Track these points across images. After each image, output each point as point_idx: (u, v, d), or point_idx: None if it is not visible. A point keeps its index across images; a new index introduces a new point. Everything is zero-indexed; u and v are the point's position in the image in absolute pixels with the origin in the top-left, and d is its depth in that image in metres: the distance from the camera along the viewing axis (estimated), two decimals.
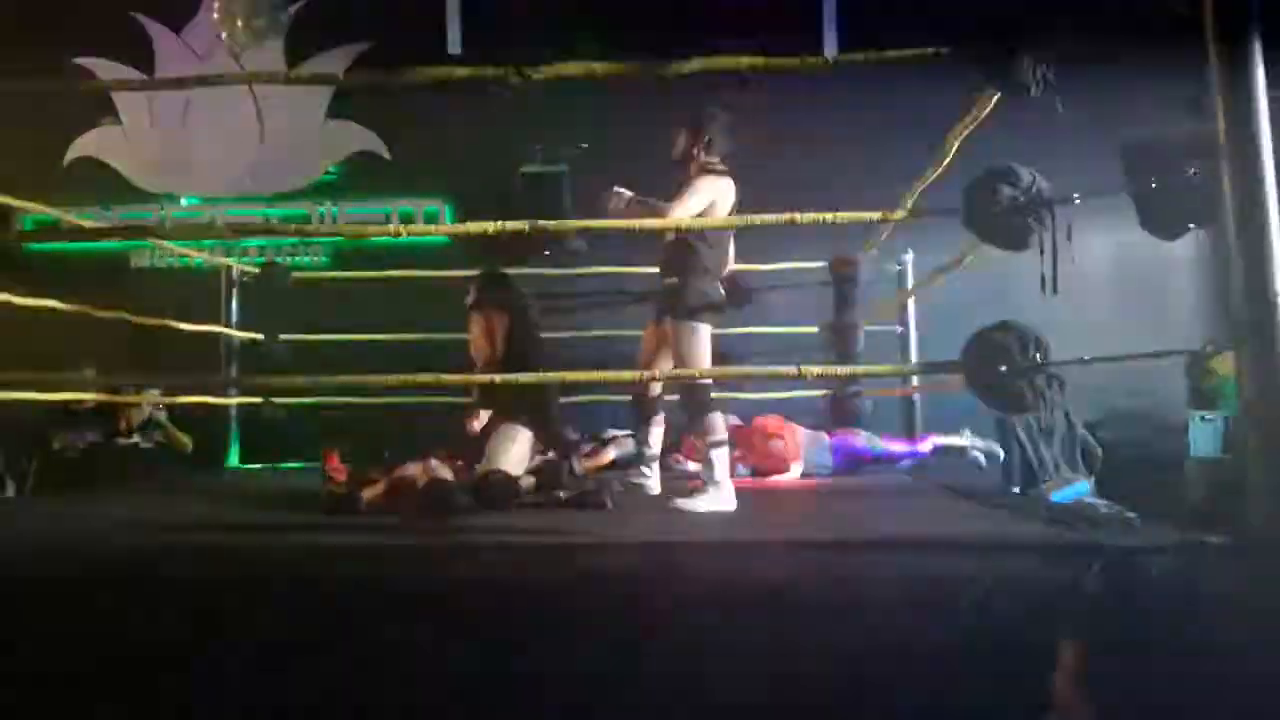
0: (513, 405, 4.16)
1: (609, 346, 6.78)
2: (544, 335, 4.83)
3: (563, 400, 5.09)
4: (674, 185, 4.27)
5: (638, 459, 4.56)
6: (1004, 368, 2.50)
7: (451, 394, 6.28)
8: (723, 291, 4.22)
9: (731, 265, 4.50)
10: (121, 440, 6.43)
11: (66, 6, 7.85)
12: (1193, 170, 2.41)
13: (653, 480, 4.34)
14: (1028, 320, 2.80)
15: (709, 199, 4.17)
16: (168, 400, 6.51)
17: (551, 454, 4.43)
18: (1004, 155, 3.07)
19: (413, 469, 3.96)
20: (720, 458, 3.91)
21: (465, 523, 3.51)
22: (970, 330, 2.87)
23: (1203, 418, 6.02)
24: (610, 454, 6.06)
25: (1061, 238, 2.76)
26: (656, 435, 4.41)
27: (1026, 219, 2.66)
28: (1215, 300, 7.15)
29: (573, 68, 3.56)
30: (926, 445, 6.22)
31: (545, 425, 4.25)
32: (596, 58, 3.44)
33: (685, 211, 4.05)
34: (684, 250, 4.19)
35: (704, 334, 4.11)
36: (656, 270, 4.49)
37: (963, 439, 6.17)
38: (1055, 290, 2.65)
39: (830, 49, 7.69)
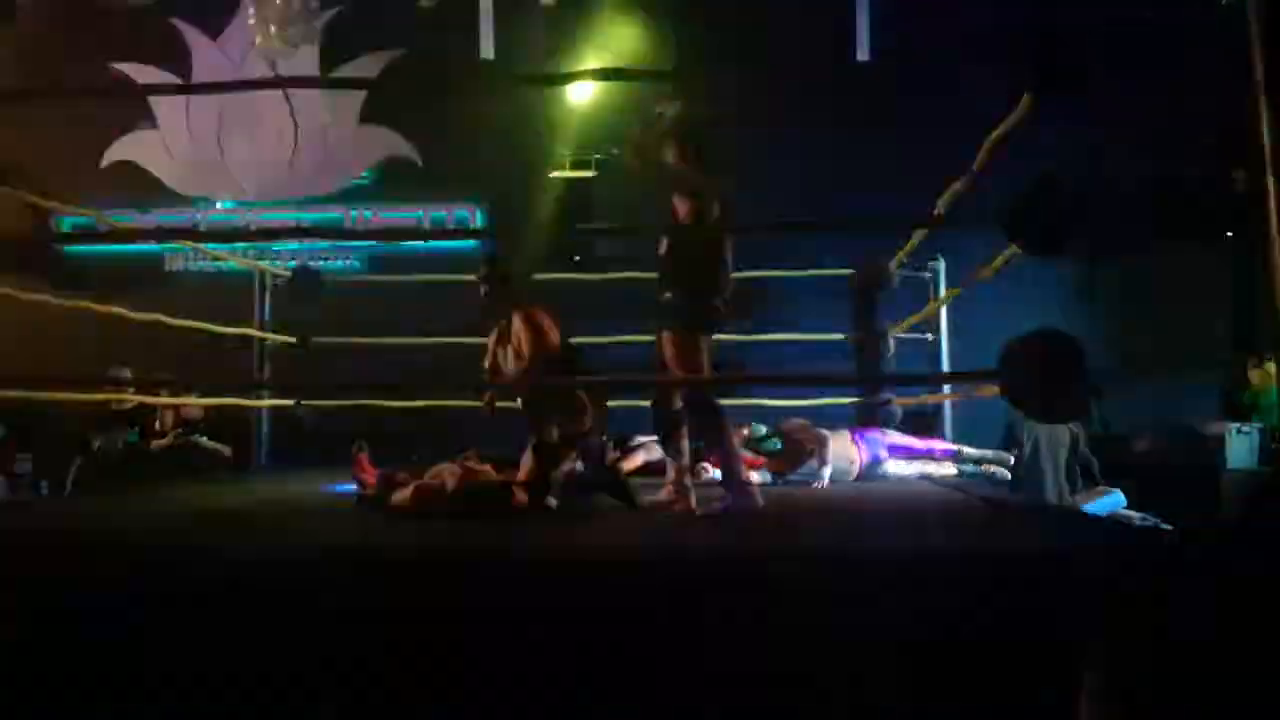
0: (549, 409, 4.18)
1: (637, 351, 6.78)
2: (575, 340, 4.82)
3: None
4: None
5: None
6: (1043, 376, 2.48)
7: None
8: (721, 301, 4.07)
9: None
10: (157, 443, 6.51)
11: (105, 13, 7.97)
12: (1236, 178, 2.38)
13: (690, 496, 4.18)
14: (1064, 328, 2.76)
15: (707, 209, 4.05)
16: (203, 402, 6.58)
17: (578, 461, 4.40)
18: (1040, 162, 3.05)
19: (445, 471, 3.96)
20: (731, 465, 3.87)
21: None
22: (1003, 338, 2.84)
23: (1239, 430, 5.97)
24: (640, 458, 6.04)
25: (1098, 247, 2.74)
26: (685, 447, 4.30)
27: (1067, 227, 2.63)
28: (1246, 312, 7.07)
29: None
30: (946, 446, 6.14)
31: (577, 430, 4.24)
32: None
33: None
34: (678, 261, 4.07)
35: (698, 344, 4.01)
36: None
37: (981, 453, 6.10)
38: (1093, 299, 2.62)
39: (862, 52, 7.67)
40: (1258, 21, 2.33)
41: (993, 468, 5.55)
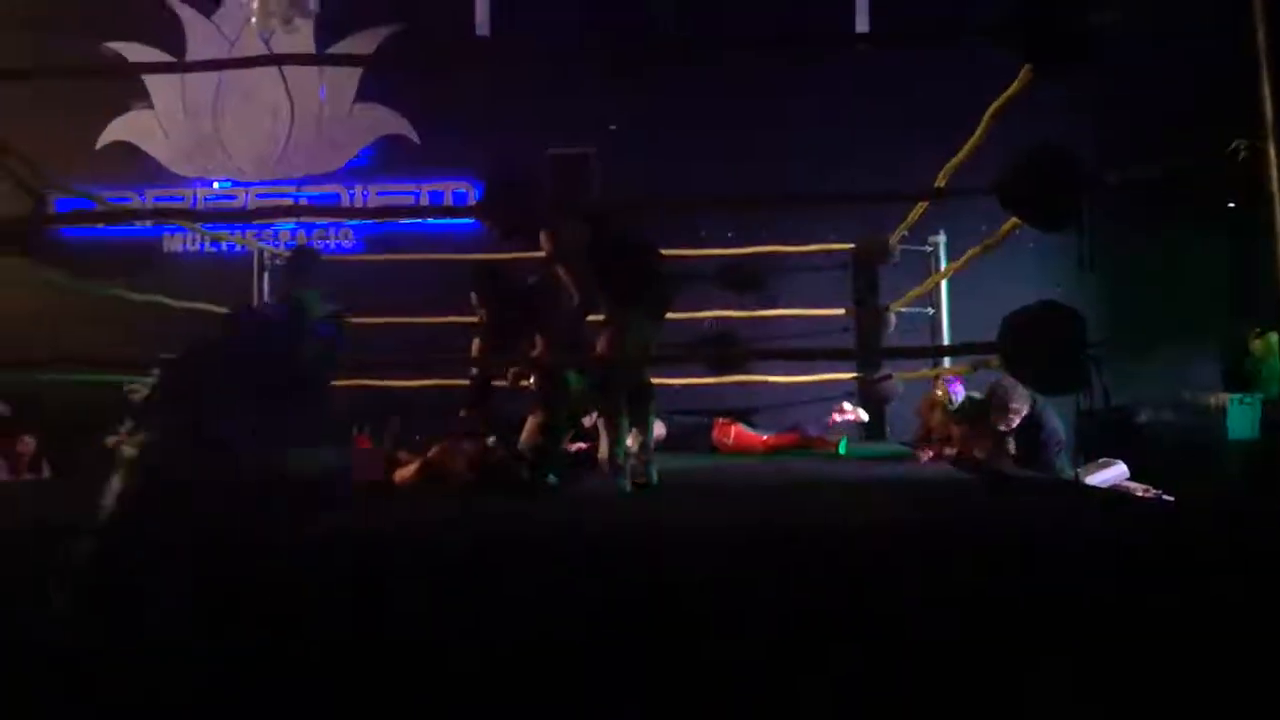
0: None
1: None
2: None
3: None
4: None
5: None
6: (1043, 349, 2.47)
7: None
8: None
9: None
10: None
11: None
12: (1237, 147, 2.36)
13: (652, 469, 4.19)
14: (1064, 300, 2.75)
15: None
16: None
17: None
18: (1037, 132, 3.03)
19: (445, 449, 3.96)
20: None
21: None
22: (1003, 311, 2.83)
23: (1240, 400, 5.97)
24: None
25: (1097, 217, 2.72)
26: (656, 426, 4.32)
27: (1067, 199, 2.62)
28: (1247, 284, 7.05)
29: None
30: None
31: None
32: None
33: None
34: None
35: None
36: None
37: None
38: (1093, 269, 2.61)
39: (862, 26, 7.61)
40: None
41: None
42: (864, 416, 6.57)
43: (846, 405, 6.50)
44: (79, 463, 6.28)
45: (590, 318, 4.18)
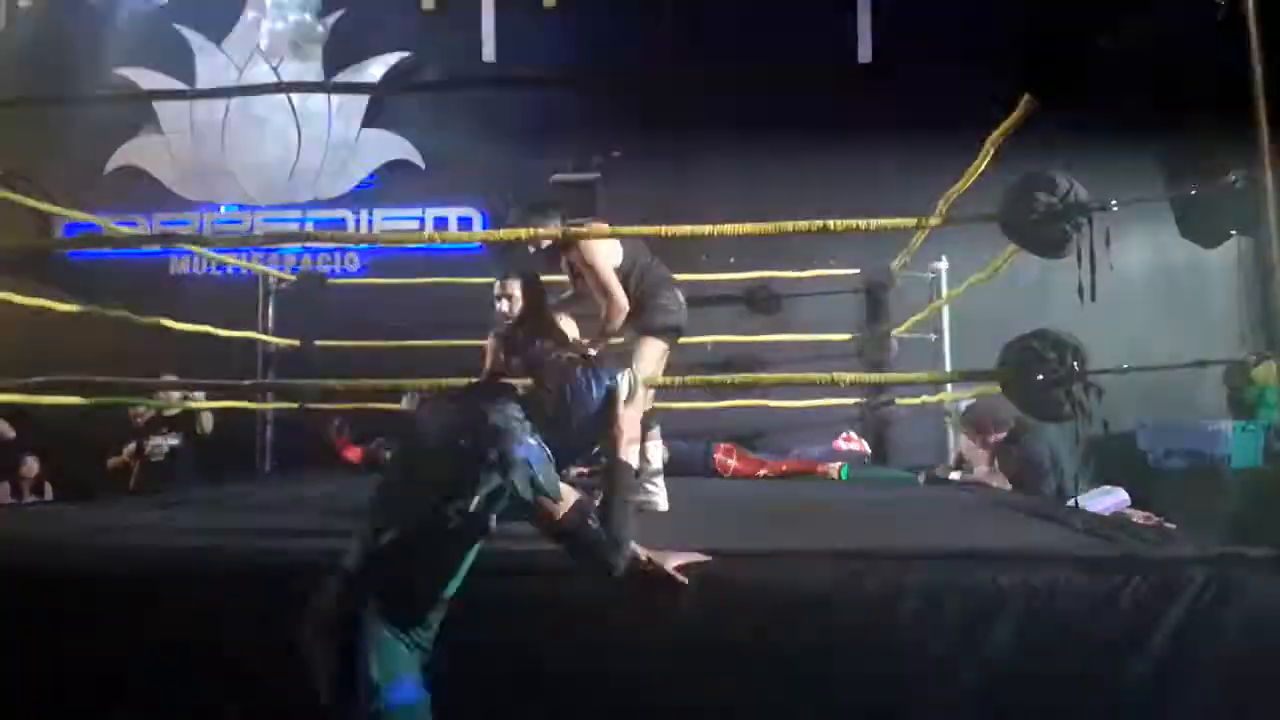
0: None
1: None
2: None
3: None
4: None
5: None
6: (1042, 376, 2.48)
7: None
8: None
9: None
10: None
11: (109, 18, 8.01)
12: (1234, 178, 2.38)
13: (659, 495, 4.17)
14: (1065, 327, 2.77)
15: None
16: (207, 405, 6.62)
17: None
18: (1040, 161, 3.05)
19: None
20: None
21: None
22: (1005, 338, 2.85)
23: (1244, 427, 5.95)
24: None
25: (1100, 244, 2.73)
26: (654, 449, 4.31)
27: (1064, 225, 2.64)
28: (1253, 308, 7.07)
29: None
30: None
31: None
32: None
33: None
34: None
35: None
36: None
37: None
38: (1094, 297, 2.63)
39: (865, 55, 7.67)
40: (1256, 25, 2.34)
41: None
42: (867, 448, 6.55)
43: (851, 434, 6.49)
44: (83, 485, 6.30)
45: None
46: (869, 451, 6.59)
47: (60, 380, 4.04)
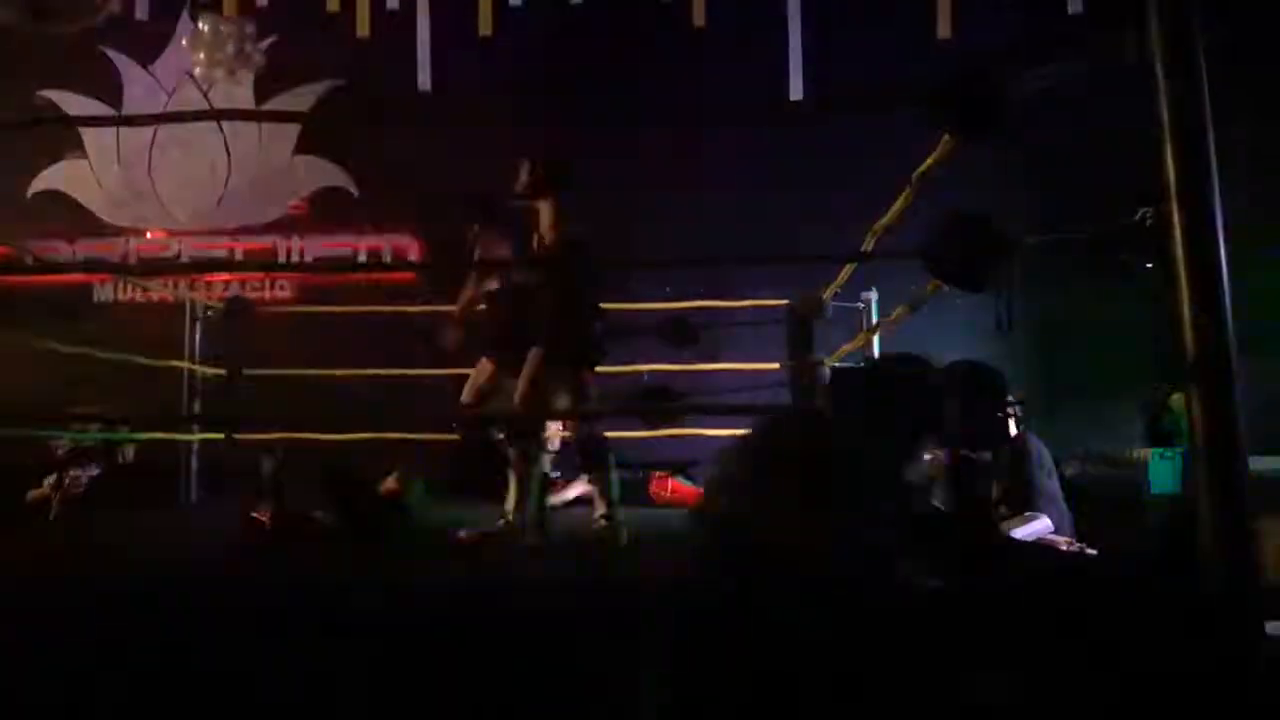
0: None
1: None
2: None
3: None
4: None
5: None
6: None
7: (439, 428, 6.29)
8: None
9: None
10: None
11: (33, 39, 7.84)
12: (1144, 213, 2.48)
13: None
14: (986, 358, 2.84)
15: None
16: (129, 437, 6.48)
17: None
18: (962, 196, 3.14)
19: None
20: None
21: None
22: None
23: (1161, 455, 6.12)
24: (574, 490, 6.10)
25: (1016, 279, 2.82)
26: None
27: (985, 260, 2.71)
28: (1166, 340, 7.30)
29: None
30: None
31: None
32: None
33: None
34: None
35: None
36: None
37: None
38: (1010, 329, 2.71)
39: (796, 92, 7.83)
40: (1162, 73, 2.44)
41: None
42: None
43: None
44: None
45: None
46: None
47: None
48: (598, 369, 4.26)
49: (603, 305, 4.33)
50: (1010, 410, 2.58)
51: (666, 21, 7.85)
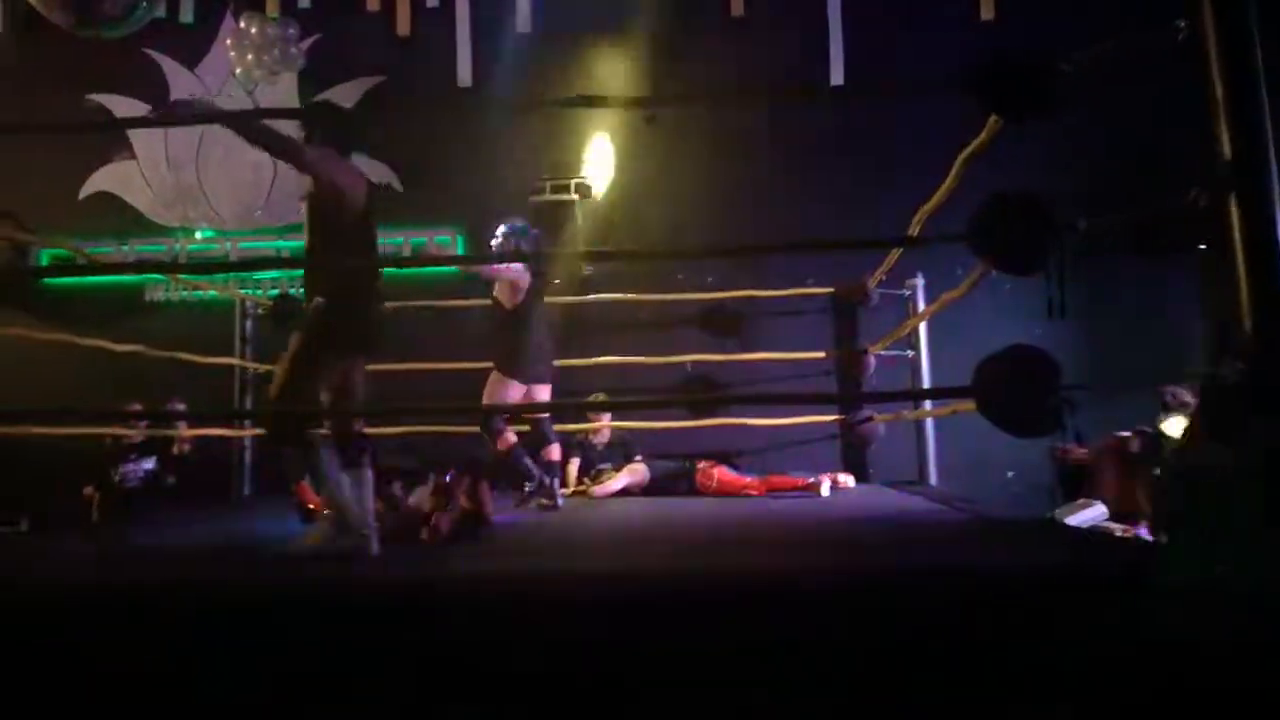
0: None
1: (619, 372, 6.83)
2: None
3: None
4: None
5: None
6: (1017, 391, 2.51)
7: (456, 422, 6.34)
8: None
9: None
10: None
11: (82, 44, 7.97)
12: (1197, 194, 2.42)
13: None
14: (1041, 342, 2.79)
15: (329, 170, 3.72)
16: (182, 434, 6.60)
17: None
18: (1010, 180, 3.09)
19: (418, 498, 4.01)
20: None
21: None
22: (982, 353, 2.87)
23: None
24: (619, 482, 6.13)
25: (1068, 262, 2.76)
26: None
27: (1035, 243, 2.67)
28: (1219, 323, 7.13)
29: None
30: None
31: None
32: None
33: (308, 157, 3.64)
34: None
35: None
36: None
37: None
38: (1064, 315, 2.66)
39: (837, 75, 7.76)
40: (1216, 46, 2.39)
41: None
42: (851, 483, 6.42)
43: (839, 477, 6.27)
44: (57, 515, 6.22)
45: None
46: (853, 483, 6.46)
47: (35, 411, 3.99)
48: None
49: (646, 295, 4.30)
50: (1064, 397, 2.55)
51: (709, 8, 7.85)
